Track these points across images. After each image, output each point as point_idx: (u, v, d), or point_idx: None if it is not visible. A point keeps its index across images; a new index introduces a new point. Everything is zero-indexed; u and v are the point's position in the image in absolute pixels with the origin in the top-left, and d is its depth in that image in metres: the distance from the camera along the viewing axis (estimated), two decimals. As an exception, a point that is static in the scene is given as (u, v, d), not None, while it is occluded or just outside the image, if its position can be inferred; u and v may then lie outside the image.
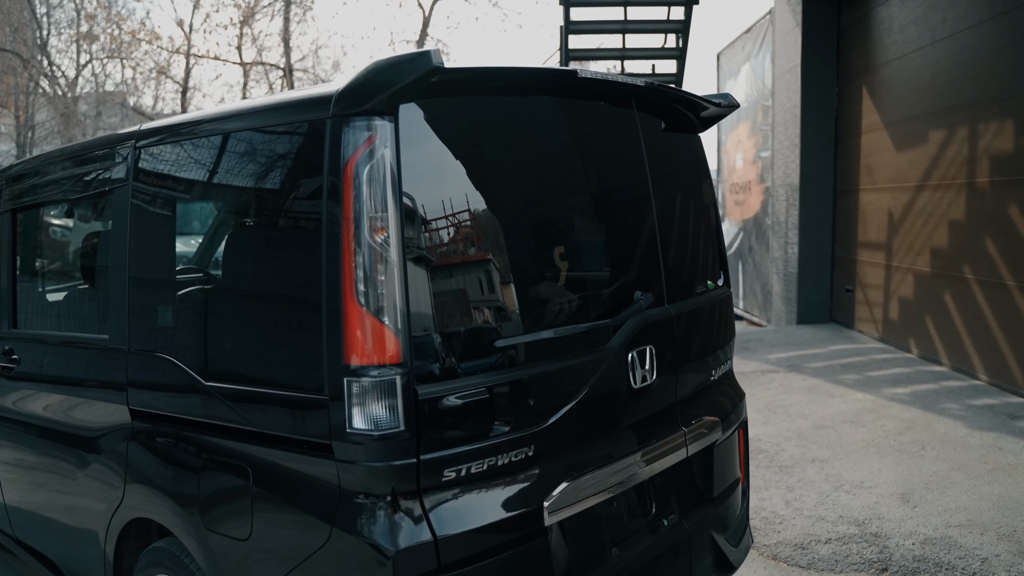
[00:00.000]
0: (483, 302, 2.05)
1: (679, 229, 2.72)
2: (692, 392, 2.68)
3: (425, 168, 1.96)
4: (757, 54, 10.97)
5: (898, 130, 7.45)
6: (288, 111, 2.07)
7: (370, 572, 1.80)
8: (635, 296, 2.38)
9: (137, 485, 2.45)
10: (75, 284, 3.40)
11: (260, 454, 2.04)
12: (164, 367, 2.32)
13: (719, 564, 2.73)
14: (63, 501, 2.96)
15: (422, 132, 1.96)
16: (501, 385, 1.97)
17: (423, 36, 18.92)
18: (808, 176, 9.03)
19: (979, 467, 4.43)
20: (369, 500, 1.81)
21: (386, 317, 1.79)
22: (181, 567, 2.33)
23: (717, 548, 2.71)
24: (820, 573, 3.62)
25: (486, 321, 2.04)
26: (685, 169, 2.87)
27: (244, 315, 2.16)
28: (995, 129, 5.88)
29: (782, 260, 9.74)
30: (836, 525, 3.94)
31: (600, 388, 2.24)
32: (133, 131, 2.59)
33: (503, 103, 2.20)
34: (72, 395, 2.85)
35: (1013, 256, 5.65)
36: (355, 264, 1.79)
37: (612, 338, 2.29)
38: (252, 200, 2.16)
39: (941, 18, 6.60)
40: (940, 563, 3.52)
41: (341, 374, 1.79)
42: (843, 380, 6.48)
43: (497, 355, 1.99)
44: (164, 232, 2.43)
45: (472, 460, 1.90)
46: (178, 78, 21.51)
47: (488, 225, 2.09)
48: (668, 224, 2.62)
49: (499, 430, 1.96)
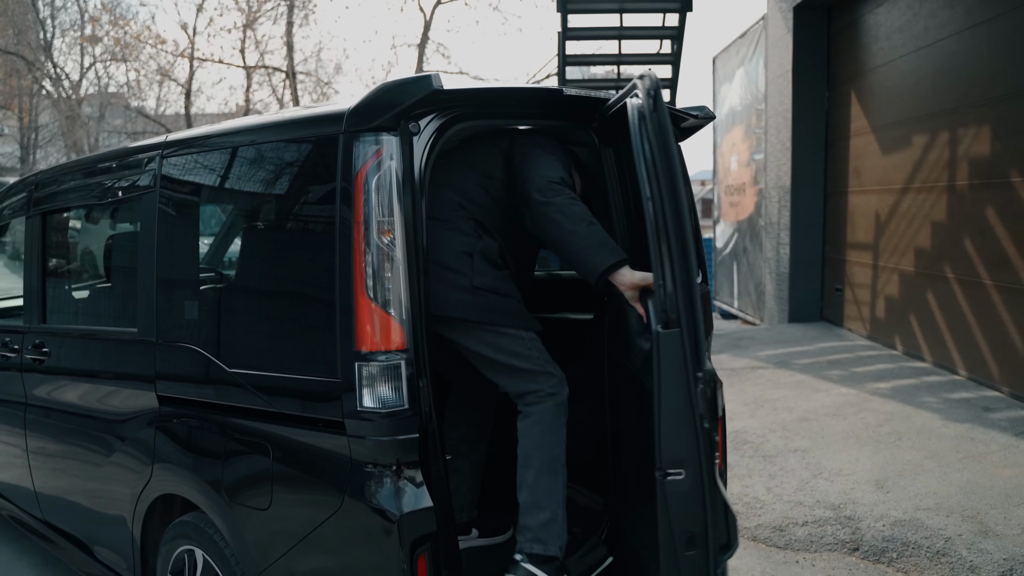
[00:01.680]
0: None
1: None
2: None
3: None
4: (751, 59, 11.21)
5: (884, 134, 7.69)
6: (304, 126, 2.32)
7: (377, 534, 2.05)
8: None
9: (164, 464, 2.70)
10: (99, 282, 3.65)
11: (279, 432, 2.29)
12: (191, 357, 2.57)
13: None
14: (92, 484, 3.21)
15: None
16: None
17: (424, 40, 19.19)
18: (799, 178, 9.27)
19: (951, 456, 4.67)
20: (377, 469, 2.06)
21: (392, 309, 2.04)
22: (205, 537, 2.57)
23: None
24: (796, 553, 3.87)
25: None
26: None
27: (265, 308, 2.41)
28: (973, 134, 6.13)
29: (775, 260, 9.99)
30: (813, 509, 4.19)
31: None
32: (159, 142, 2.84)
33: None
34: (101, 384, 3.10)
35: (990, 256, 5.89)
36: (365, 262, 2.04)
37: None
38: (271, 205, 2.41)
39: (924, 27, 6.84)
40: (907, 543, 3.77)
41: (353, 359, 2.04)
42: (829, 376, 6.73)
43: None
44: (189, 234, 2.68)
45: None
46: (181, 81, 21.77)
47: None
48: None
49: None
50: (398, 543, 2.02)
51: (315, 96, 24.10)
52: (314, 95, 24.05)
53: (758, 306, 10.96)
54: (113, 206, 3.24)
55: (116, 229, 3.34)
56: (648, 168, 2.00)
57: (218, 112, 23.09)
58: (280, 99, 23.03)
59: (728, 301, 12.85)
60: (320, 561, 2.19)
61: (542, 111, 2.64)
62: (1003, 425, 5.06)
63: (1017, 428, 4.98)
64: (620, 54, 9.59)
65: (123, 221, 3.26)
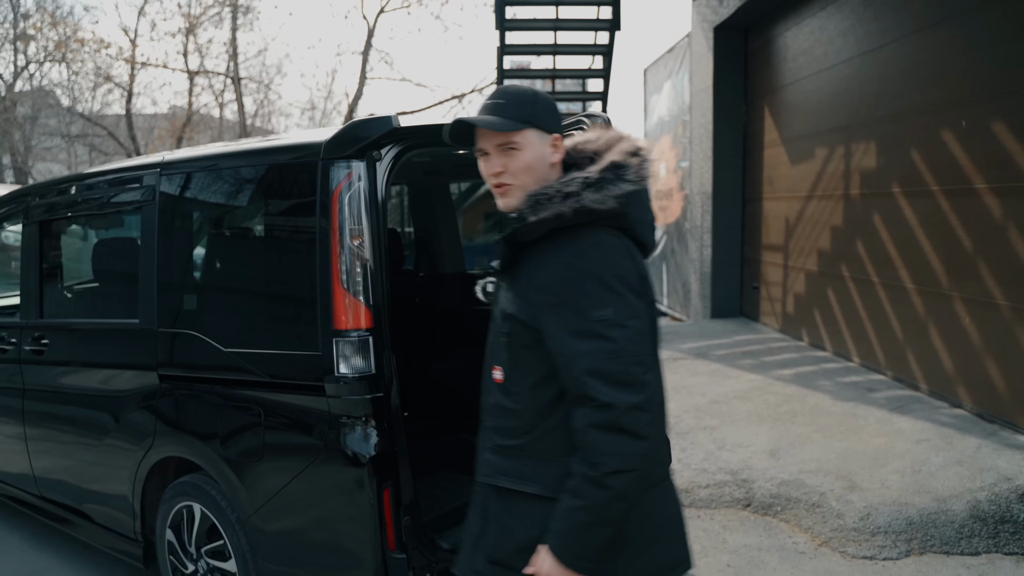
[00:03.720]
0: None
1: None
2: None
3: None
4: (678, 72, 11.99)
5: (792, 146, 8.50)
6: (288, 152, 2.90)
7: (351, 472, 2.63)
8: None
9: (166, 431, 3.23)
10: (89, 282, 4.14)
11: (268, 396, 2.85)
12: (190, 341, 3.11)
13: None
14: (93, 457, 3.68)
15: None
16: None
17: (368, 47, 19.65)
18: (720, 185, 10.05)
19: (835, 429, 5.41)
20: (350, 421, 2.64)
21: (361, 297, 2.63)
22: (203, 493, 3.11)
23: None
24: (699, 510, 4.54)
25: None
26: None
27: (258, 299, 2.98)
28: (863, 149, 6.93)
29: (699, 261, 10.76)
30: (715, 475, 4.87)
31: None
32: (158, 161, 3.37)
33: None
34: (102, 369, 3.60)
35: (876, 257, 6.70)
36: (340, 260, 2.62)
37: None
38: (262, 215, 2.98)
39: (824, 51, 7.64)
40: (790, 498, 4.47)
41: (331, 336, 2.62)
42: (741, 364, 7.48)
43: None
44: (186, 238, 3.22)
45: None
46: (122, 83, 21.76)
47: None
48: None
49: None
50: (367, 478, 2.60)
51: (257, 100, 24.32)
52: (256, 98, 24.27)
53: (685, 304, 11.73)
54: (112, 215, 3.74)
55: (118, 234, 3.85)
56: None
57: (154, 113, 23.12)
58: (221, 103, 23.20)
59: (658, 299, 13.64)
60: (304, 495, 2.76)
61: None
62: (881, 403, 5.83)
63: (893, 405, 5.76)
64: (555, 69, 10.26)
65: (123, 228, 3.77)
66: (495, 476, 1.91)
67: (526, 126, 1.85)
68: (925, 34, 6.00)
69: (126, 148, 21.44)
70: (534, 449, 1.84)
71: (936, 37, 5.86)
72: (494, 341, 1.94)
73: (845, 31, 7.19)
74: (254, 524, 2.91)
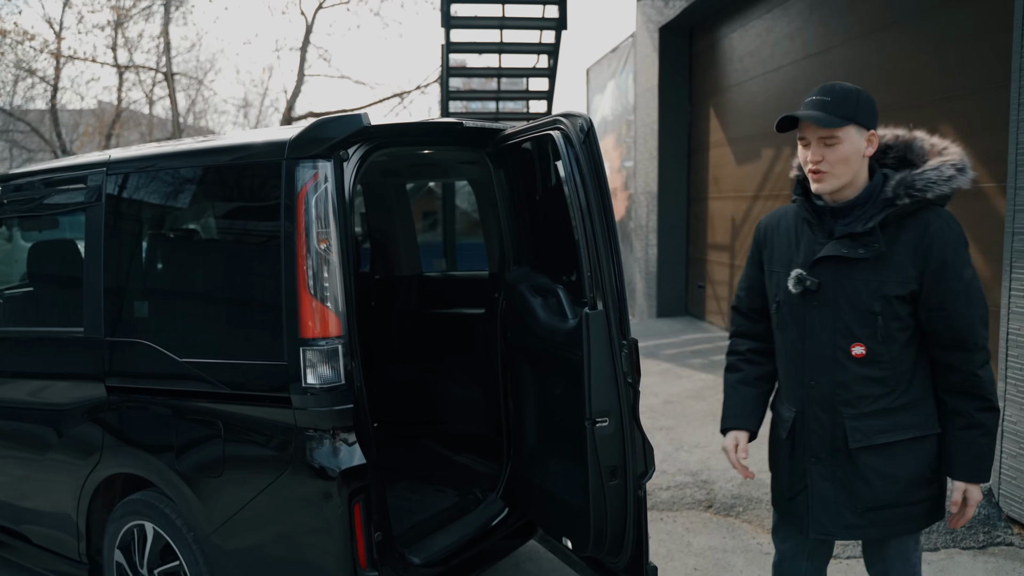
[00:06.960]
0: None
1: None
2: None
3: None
4: (621, 72, 12.03)
5: (738, 147, 8.57)
6: (249, 151, 2.74)
7: (320, 487, 2.50)
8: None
9: (115, 445, 3.03)
10: (22, 287, 3.90)
11: (229, 409, 2.69)
12: (141, 350, 2.93)
13: None
14: (33, 473, 3.43)
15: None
16: None
17: (306, 43, 19.25)
18: (665, 185, 10.11)
19: (789, 427, 5.44)
20: (317, 434, 2.51)
21: (329, 303, 2.50)
22: (156, 511, 2.93)
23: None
24: (661, 512, 4.51)
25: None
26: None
27: (217, 305, 2.82)
28: (810, 149, 7.01)
29: (644, 260, 10.81)
30: (675, 476, 4.85)
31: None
32: (104, 160, 3.16)
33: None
34: (45, 380, 3.38)
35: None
36: (307, 265, 2.48)
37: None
38: (220, 218, 2.82)
39: (770, 53, 7.72)
40: (751, 498, 4.47)
41: (298, 345, 2.48)
42: (691, 364, 7.51)
43: None
44: (135, 243, 3.04)
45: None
46: (46, 76, 20.89)
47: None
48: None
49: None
50: (337, 494, 2.47)
51: (190, 96, 23.66)
52: (190, 95, 23.60)
53: (630, 303, 11.78)
54: (55, 216, 3.52)
55: (56, 237, 3.62)
56: (579, 185, 2.59)
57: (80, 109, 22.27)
58: (151, 99, 22.50)
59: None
60: (269, 514, 2.62)
61: (444, 139, 3.16)
62: (833, 401, 5.90)
63: (844, 403, 5.83)
64: (500, 67, 10.18)
65: (62, 230, 3.54)
66: (871, 437, 2.21)
67: (848, 123, 2.13)
68: (871, 38, 6.09)
69: (51, 145, 20.60)
70: (905, 402, 2.20)
71: (882, 41, 5.95)
72: (851, 321, 2.18)
73: (792, 33, 7.27)
74: (213, 543, 2.75)
